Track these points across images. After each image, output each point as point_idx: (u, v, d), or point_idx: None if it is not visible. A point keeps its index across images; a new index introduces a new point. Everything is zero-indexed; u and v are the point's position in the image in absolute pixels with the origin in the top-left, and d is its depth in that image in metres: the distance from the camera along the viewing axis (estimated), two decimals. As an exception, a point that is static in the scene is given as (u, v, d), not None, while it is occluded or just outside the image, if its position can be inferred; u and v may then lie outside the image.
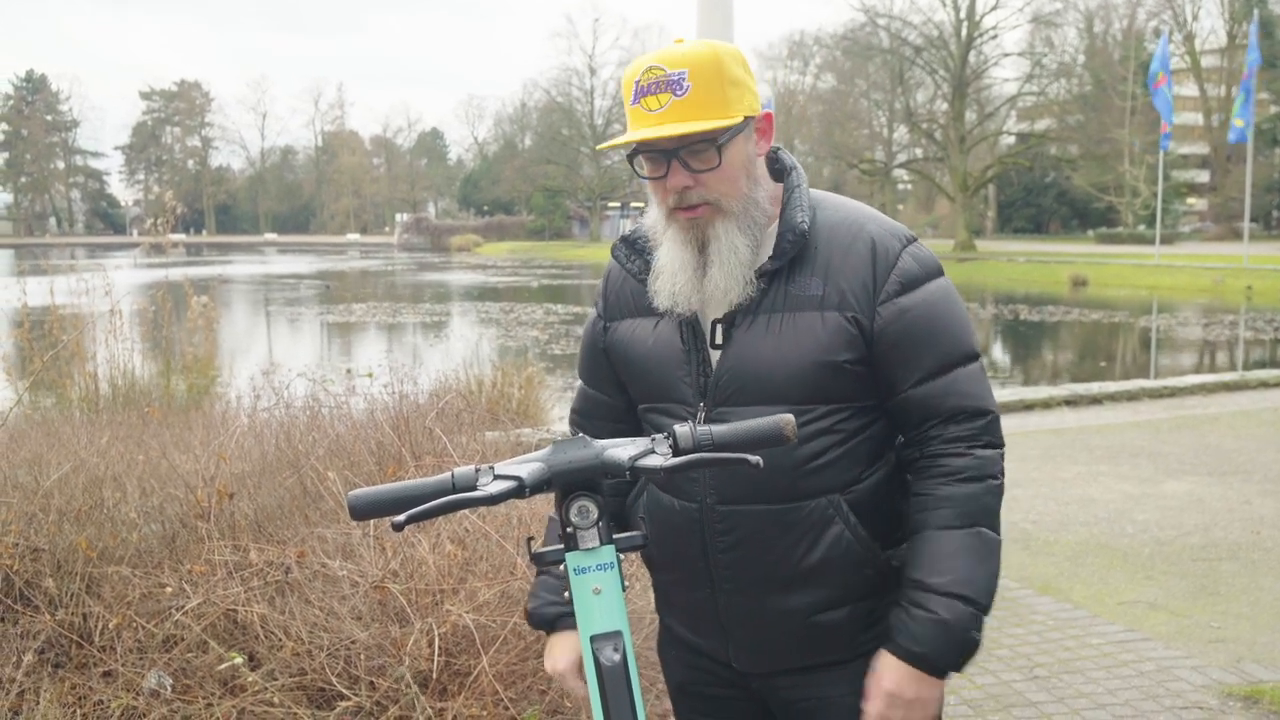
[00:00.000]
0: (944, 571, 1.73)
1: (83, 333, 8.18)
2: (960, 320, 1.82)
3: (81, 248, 65.51)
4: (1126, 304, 26.78)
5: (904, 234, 1.84)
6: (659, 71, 1.72)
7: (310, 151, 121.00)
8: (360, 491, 1.60)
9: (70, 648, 3.26)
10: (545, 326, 21.40)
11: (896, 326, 1.76)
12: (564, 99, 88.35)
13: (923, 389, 1.78)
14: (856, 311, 1.76)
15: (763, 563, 1.81)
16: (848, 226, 1.82)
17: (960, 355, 1.80)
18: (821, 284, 1.78)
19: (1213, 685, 4.04)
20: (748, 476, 1.71)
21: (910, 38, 57.65)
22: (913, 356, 1.77)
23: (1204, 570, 5.38)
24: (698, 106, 1.71)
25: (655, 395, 1.91)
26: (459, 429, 4.87)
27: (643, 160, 1.80)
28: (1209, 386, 11.14)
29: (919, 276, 1.80)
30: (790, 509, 1.78)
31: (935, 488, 1.77)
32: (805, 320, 1.78)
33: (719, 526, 1.82)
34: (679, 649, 2.01)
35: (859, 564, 1.81)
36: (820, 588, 1.81)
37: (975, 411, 1.79)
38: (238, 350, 16.62)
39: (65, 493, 3.76)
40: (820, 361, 1.76)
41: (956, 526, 1.75)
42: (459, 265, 53.77)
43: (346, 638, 3.07)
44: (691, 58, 1.72)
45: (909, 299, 1.78)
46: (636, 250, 1.93)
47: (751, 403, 1.78)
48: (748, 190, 1.80)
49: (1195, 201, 68.37)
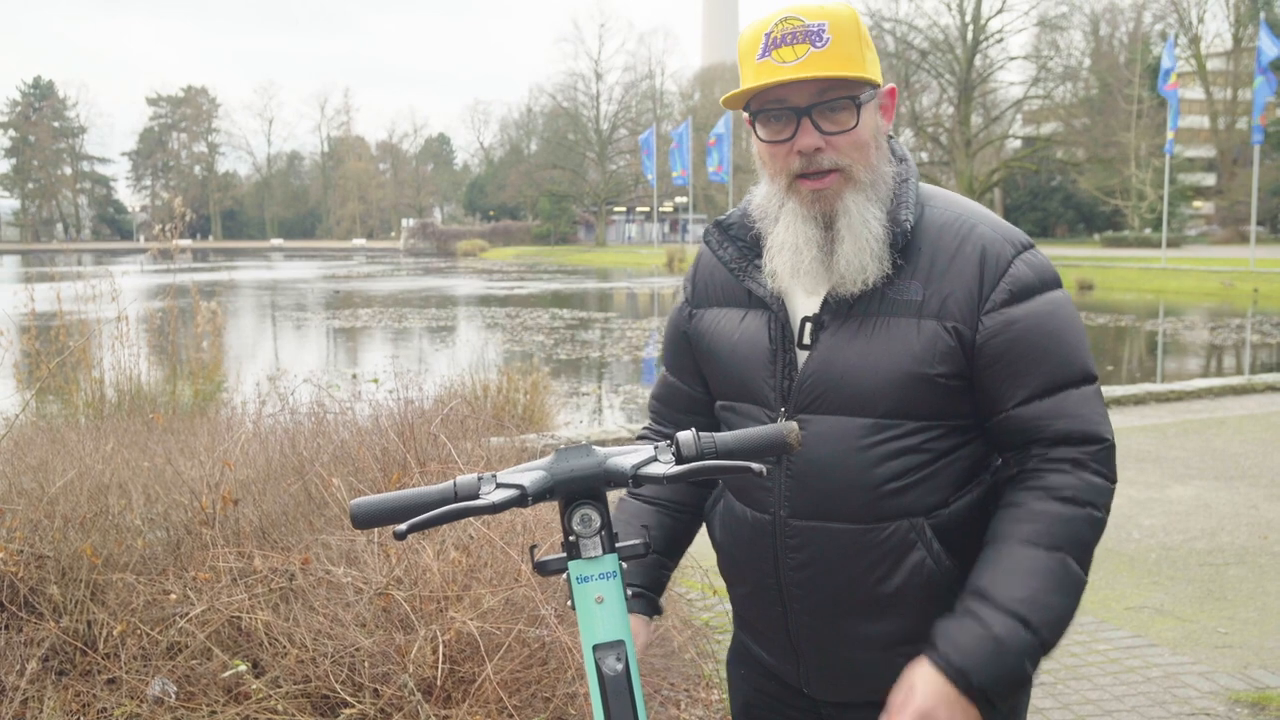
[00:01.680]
0: (1012, 586, 1.56)
1: (89, 339, 8.19)
2: (1076, 337, 1.66)
3: (88, 253, 65.63)
4: (1133, 307, 26.72)
5: (1019, 239, 1.69)
6: (796, 22, 1.60)
7: (316, 157, 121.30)
8: (362, 500, 1.59)
9: (74, 655, 3.26)
10: (551, 331, 21.39)
11: (1002, 339, 1.62)
12: (570, 104, 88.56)
13: (1029, 408, 1.63)
14: (958, 321, 1.62)
15: (835, 584, 1.69)
16: (957, 227, 1.68)
17: (1073, 375, 1.64)
18: (922, 288, 1.65)
19: (1220, 691, 4.03)
20: (823, 491, 1.65)
21: (916, 41, 57.72)
22: (1020, 372, 1.62)
23: (1211, 575, 5.36)
24: (840, 59, 1.60)
25: (735, 393, 1.80)
26: (464, 435, 4.86)
27: (762, 123, 1.66)
28: (1216, 390, 11.11)
29: (1032, 286, 1.64)
30: (867, 530, 1.66)
31: (1029, 500, 1.61)
32: (900, 327, 1.64)
33: (791, 542, 1.71)
34: (749, 667, 1.91)
35: (941, 595, 1.65)
36: (898, 616, 1.68)
37: (1087, 436, 1.63)
38: (244, 355, 16.64)
39: (70, 499, 3.77)
40: (911, 373, 1.62)
41: (1041, 546, 1.57)
42: (465, 270, 53.82)
43: (351, 645, 3.07)
44: (830, 11, 1.61)
45: (1019, 309, 1.63)
46: (730, 237, 1.81)
47: (833, 412, 1.66)
48: (877, 163, 1.68)
49: (1202, 205, 68.23)
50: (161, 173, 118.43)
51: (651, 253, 59.34)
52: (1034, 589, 1.55)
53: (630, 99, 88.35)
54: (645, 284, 40.12)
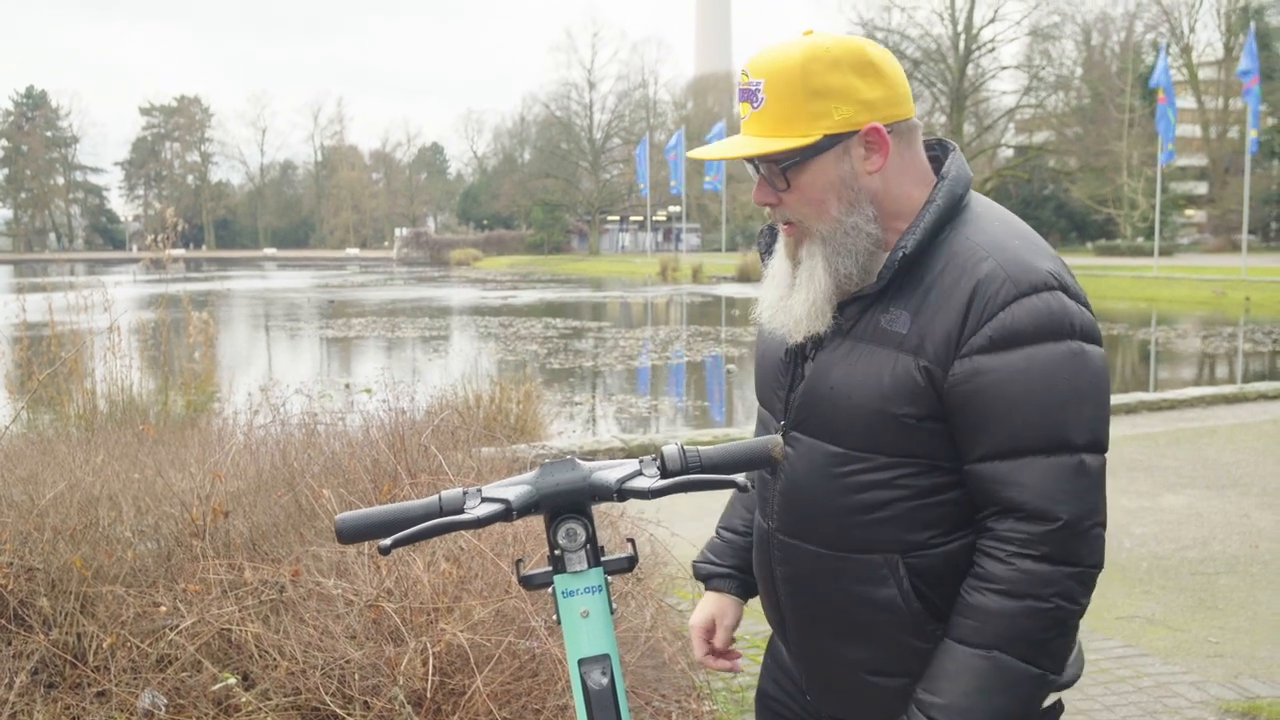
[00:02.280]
0: (937, 691, 1.54)
1: (81, 349, 8.18)
2: (1064, 400, 1.50)
3: (81, 263, 65.61)
4: (1125, 316, 26.78)
5: (1034, 280, 1.51)
6: (745, 77, 1.59)
7: (310, 166, 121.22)
8: (348, 514, 1.59)
9: (64, 668, 3.26)
10: (545, 341, 21.40)
11: (966, 388, 1.51)
12: (563, 113, 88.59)
13: (984, 467, 1.53)
14: (931, 361, 1.53)
15: (814, 603, 1.70)
16: (966, 257, 1.55)
17: (1045, 441, 1.50)
18: (910, 321, 1.56)
19: (1211, 701, 4.03)
20: (801, 512, 1.67)
21: (908, 51, 57.84)
22: (977, 427, 1.52)
23: (1202, 584, 5.37)
24: (769, 123, 1.57)
25: (761, 399, 1.82)
26: (455, 446, 4.86)
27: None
28: (1207, 399, 11.13)
29: (1023, 335, 1.49)
30: (840, 557, 1.64)
31: (966, 591, 1.55)
32: (881, 358, 1.57)
33: (778, 555, 1.74)
34: (774, 660, 1.93)
35: (908, 634, 1.62)
36: (869, 645, 1.66)
37: (1035, 514, 1.50)
38: (237, 365, 16.62)
39: (60, 511, 3.76)
40: (877, 409, 1.56)
41: (970, 644, 1.52)
42: (458, 279, 53.82)
43: (341, 657, 3.07)
44: (773, 65, 1.55)
45: (993, 359, 1.50)
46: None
47: (814, 434, 1.65)
48: (839, 215, 1.59)
49: (1194, 213, 68.45)
50: (154, 182, 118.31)
51: (645, 262, 59.39)
52: (957, 692, 1.52)
53: (624, 108, 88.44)
54: (639, 293, 40.15)
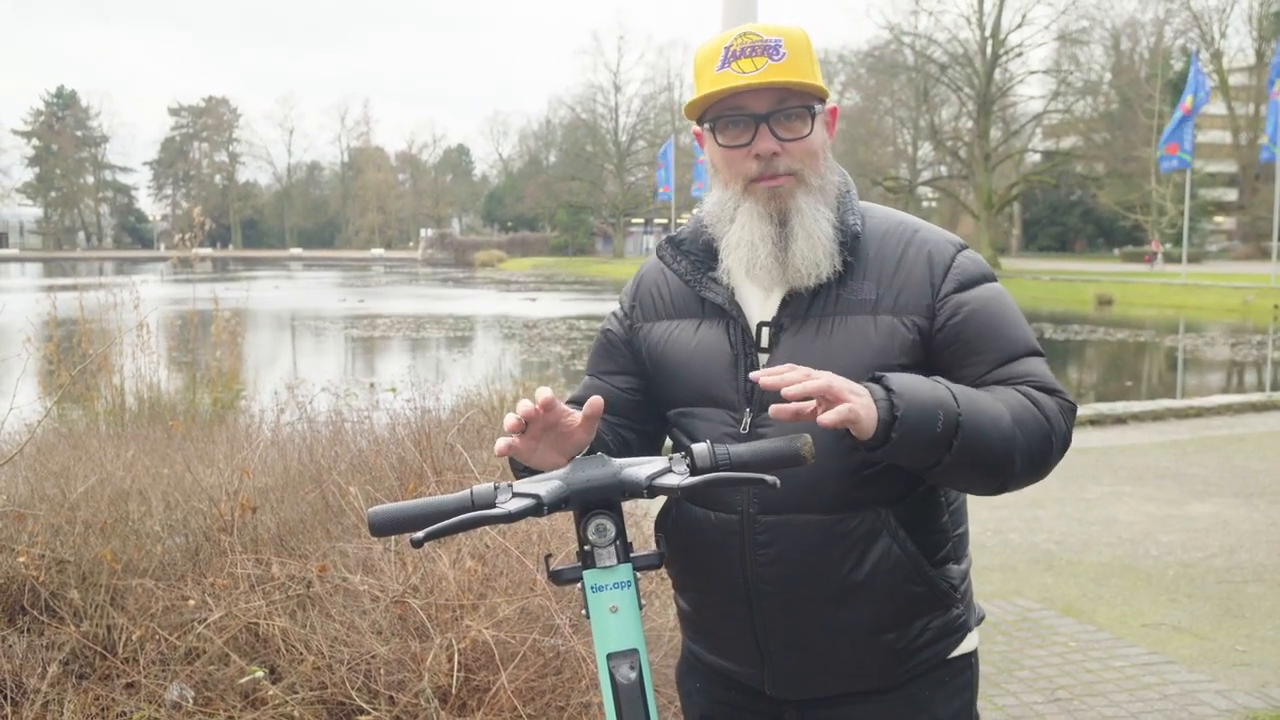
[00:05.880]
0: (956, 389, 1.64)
1: (110, 346, 8.26)
2: (1021, 319, 1.81)
3: (110, 262, 66.25)
4: (1153, 323, 26.59)
5: (957, 240, 1.85)
6: (754, 37, 1.72)
7: (336, 167, 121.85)
8: (380, 508, 1.61)
9: (94, 659, 3.29)
10: (569, 342, 21.43)
11: (957, 320, 1.74)
12: (589, 115, 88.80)
13: (1000, 372, 1.74)
14: (914, 314, 1.75)
15: (807, 576, 1.75)
16: (899, 233, 1.82)
17: (1025, 349, 1.76)
18: (875, 288, 1.77)
19: (1237, 710, 4.00)
20: (798, 484, 1.69)
21: (935, 55, 57.59)
22: (976, 350, 1.74)
23: (1229, 593, 5.33)
24: (797, 71, 1.72)
25: (694, 399, 1.84)
26: (480, 444, 4.88)
27: (721, 130, 1.77)
28: (1235, 407, 11.05)
29: (976, 276, 1.79)
30: (838, 520, 1.73)
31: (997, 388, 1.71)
32: (857, 324, 1.75)
33: (760, 538, 1.75)
34: (705, 680, 1.94)
35: (907, 580, 1.76)
36: (867, 604, 1.75)
37: (1051, 387, 1.74)
38: (262, 364, 16.72)
39: (91, 505, 3.80)
40: (872, 366, 1.70)
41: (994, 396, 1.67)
42: (483, 280, 53.96)
43: (367, 652, 3.09)
44: (785, 30, 1.74)
45: (968, 294, 1.76)
46: (682, 251, 1.89)
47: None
48: (825, 171, 1.80)
49: (1223, 220, 67.89)
50: (182, 182, 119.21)
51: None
52: (973, 396, 1.64)
53: (649, 111, 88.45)
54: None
